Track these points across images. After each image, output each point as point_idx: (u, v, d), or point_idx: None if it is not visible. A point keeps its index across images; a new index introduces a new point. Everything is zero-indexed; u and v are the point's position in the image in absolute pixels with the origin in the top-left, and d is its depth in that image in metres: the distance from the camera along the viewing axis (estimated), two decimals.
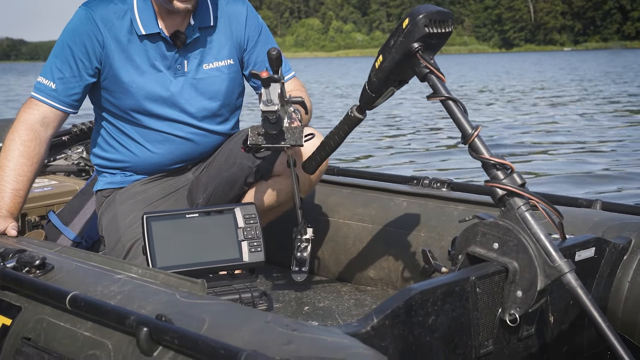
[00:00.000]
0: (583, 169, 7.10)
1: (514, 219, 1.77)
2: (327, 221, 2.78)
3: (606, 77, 27.50)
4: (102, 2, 2.39)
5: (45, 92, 2.37)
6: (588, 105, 15.16)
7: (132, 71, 2.40)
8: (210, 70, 2.48)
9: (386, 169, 7.17)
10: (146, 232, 2.11)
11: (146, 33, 2.39)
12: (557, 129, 10.89)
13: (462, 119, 1.89)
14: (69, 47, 2.37)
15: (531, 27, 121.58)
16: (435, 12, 1.94)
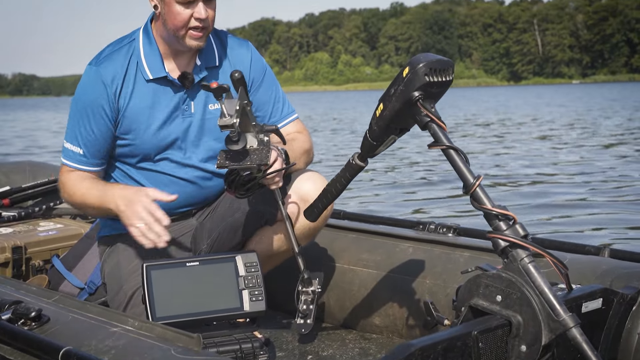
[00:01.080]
0: (588, 210, 7.01)
1: (517, 271, 1.73)
2: (333, 267, 2.74)
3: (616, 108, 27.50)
4: (108, 56, 2.40)
5: (75, 159, 2.41)
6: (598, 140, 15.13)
7: (141, 116, 2.40)
8: (215, 110, 2.46)
9: (392, 208, 7.08)
10: (146, 281, 2.09)
11: (153, 77, 2.40)
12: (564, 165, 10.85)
13: (464, 168, 1.86)
14: (85, 110, 2.38)
15: (539, 60, 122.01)
16: (435, 61, 1.92)
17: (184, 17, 2.29)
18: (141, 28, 2.46)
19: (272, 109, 2.58)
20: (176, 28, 2.32)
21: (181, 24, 2.31)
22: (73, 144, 2.41)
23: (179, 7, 2.28)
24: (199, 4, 2.29)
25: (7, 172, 3.84)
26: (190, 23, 2.31)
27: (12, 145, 17.98)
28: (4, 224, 3.32)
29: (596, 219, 6.49)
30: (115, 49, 2.42)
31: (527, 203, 7.41)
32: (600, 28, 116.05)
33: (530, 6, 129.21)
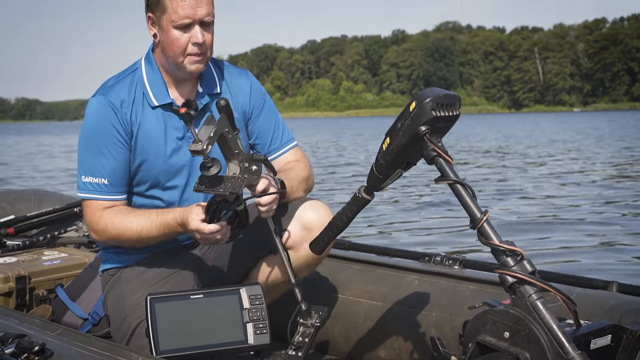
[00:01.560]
0: (594, 242, 6.93)
1: (524, 307, 1.72)
2: (337, 298, 2.72)
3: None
4: (113, 86, 2.41)
5: (101, 190, 2.37)
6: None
7: (152, 142, 2.40)
8: None
9: (398, 238, 7.04)
10: (149, 314, 2.08)
11: (159, 104, 2.40)
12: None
13: (471, 203, 1.85)
14: (100, 139, 2.37)
15: (540, 88, 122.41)
16: (442, 96, 1.92)
17: (182, 42, 2.32)
18: (142, 58, 2.48)
19: (271, 137, 2.58)
20: (175, 54, 2.34)
21: (179, 50, 2.33)
22: (95, 176, 2.37)
23: (176, 32, 2.31)
24: (196, 27, 2.31)
25: (13, 200, 3.84)
26: (188, 49, 2.33)
27: (14, 169, 18.00)
28: (8, 253, 3.30)
29: (603, 252, 6.41)
30: (119, 79, 2.43)
31: (530, 230, 7.40)
32: (601, 57, 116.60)
33: (531, 34, 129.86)
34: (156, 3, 2.32)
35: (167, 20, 2.30)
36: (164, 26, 2.32)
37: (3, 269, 3.02)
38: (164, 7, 2.30)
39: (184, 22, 2.29)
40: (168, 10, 2.29)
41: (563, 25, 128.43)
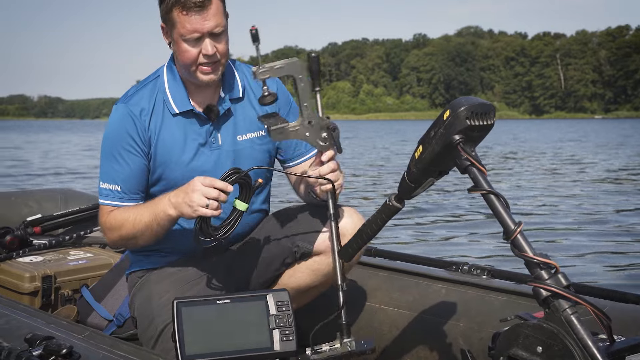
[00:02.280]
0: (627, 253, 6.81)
1: (558, 321, 1.67)
2: (363, 305, 2.69)
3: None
4: (134, 94, 2.42)
5: (114, 197, 2.39)
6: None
7: (171, 149, 2.39)
8: (244, 141, 2.47)
9: (425, 245, 6.98)
10: (176, 318, 2.05)
11: (180, 111, 2.40)
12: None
13: (504, 214, 1.82)
14: (118, 147, 2.38)
15: (561, 94, 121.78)
16: (477, 105, 1.89)
17: (192, 54, 2.31)
18: (165, 65, 2.48)
19: (296, 141, 2.56)
20: (185, 65, 2.34)
21: (189, 61, 2.32)
22: (110, 183, 2.39)
23: (186, 45, 2.30)
24: (206, 39, 2.30)
25: (39, 199, 3.85)
26: (199, 59, 2.32)
27: (38, 167, 18.13)
28: (35, 252, 3.32)
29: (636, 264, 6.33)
30: (140, 87, 2.44)
31: (560, 238, 7.32)
32: (624, 64, 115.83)
33: (553, 40, 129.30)
34: (165, 17, 2.32)
35: (177, 34, 2.30)
36: (175, 39, 2.32)
37: (29, 268, 3.04)
38: (173, 21, 2.30)
39: (192, 36, 2.28)
40: (176, 25, 2.29)
41: (585, 32, 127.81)
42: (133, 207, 2.37)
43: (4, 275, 3.07)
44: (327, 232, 2.38)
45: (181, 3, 2.26)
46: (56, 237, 3.52)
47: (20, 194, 3.95)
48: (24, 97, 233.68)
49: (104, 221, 2.42)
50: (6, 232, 3.44)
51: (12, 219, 3.62)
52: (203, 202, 2.16)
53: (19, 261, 3.17)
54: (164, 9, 2.31)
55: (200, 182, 2.18)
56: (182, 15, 2.26)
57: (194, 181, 2.20)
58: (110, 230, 2.40)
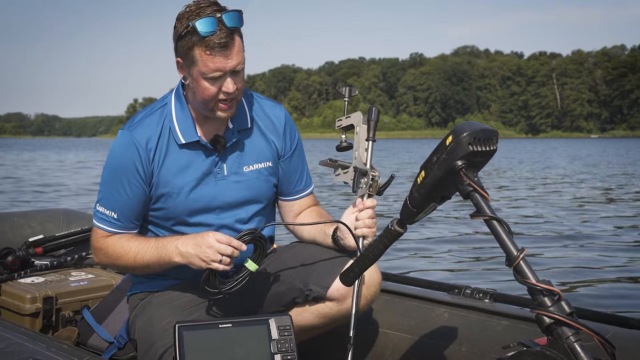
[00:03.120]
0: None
1: (562, 349, 1.66)
2: (365, 329, 2.66)
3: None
4: (141, 121, 2.38)
5: (109, 222, 2.38)
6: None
7: (173, 180, 2.37)
8: (250, 172, 2.45)
9: (427, 269, 6.93)
10: (177, 342, 2.04)
11: (186, 142, 2.37)
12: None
13: (507, 240, 1.80)
14: (118, 175, 2.36)
15: (558, 113, 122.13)
16: (479, 131, 1.88)
17: (212, 91, 2.27)
18: (173, 92, 2.44)
19: (297, 178, 2.56)
20: (205, 101, 2.30)
21: (209, 98, 2.28)
22: (107, 208, 2.38)
23: (206, 82, 2.26)
24: (228, 78, 2.26)
25: (42, 220, 3.83)
26: (219, 96, 2.28)
27: (34, 185, 18.08)
28: (37, 273, 3.30)
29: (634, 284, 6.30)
30: (148, 113, 2.40)
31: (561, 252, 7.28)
32: (619, 84, 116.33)
33: (549, 60, 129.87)
34: (185, 54, 2.25)
35: (197, 71, 2.25)
36: (194, 76, 2.27)
37: (31, 289, 3.02)
38: (193, 59, 2.23)
39: (214, 75, 2.24)
40: (197, 63, 2.23)
41: (581, 52, 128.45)
42: (134, 240, 2.36)
43: (6, 296, 3.05)
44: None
45: (204, 42, 2.20)
46: (58, 257, 3.50)
47: (22, 214, 3.92)
48: (21, 115, 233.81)
49: (98, 245, 2.41)
50: (8, 252, 3.43)
51: (14, 240, 3.61)
52: (217, 257, 2.18)
53: (20, 282, 3.15)
54: (184, 45, 2.24)
55: (215, 239, 2.19)
56: (205, 54, 2.21)
57: (208, 237, 2.20)
58: (105, 255, 2.40)
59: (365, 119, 2.42)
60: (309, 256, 2.44)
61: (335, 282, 2.35)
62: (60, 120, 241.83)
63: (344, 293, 2.34)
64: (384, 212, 11.04)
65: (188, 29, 2.21)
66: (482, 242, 8.62)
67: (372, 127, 2.41)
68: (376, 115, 2.40)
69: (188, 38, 2.22)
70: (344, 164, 2.43)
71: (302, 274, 2.39)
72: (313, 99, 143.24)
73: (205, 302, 2.45)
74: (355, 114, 2.44)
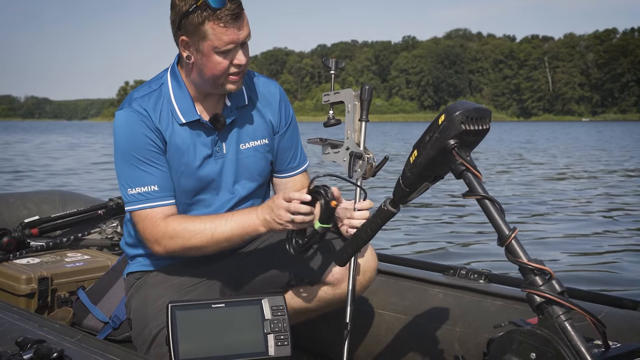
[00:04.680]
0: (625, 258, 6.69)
1: (552, 328, 1.64)
2: (359, 309, 2.63)
3: None
4: (139, 99, 2.33)
5: (154, 197, 2.28)
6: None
7: (181, 157, 2.33)
8: (247, 150, 2.42)
9: (422, 250, 6.91)
10: (170, 321, 2.02)
11: (186, 121, 2.33)
12: None
13: (499, 220, 1.78)
14: (138, 150, 2.29)
15: (549, 97, 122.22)
16: (472, 110, 1.84)
17: (224, 65, 2.23)
18: (168, 71, 2.39)
19: (291, 155, 2.53)
20: (215, 77, 2.26)
21: (221, 73, 2.25)
22: (143, 185, 2.28)
23: (218, 57, 2.22)
24: (239, 50, 2.24)
25: (38, 201, 3.79)
26: (230, 69, 2.25)
27: (26, 168, 17.98)
28: (32, 254, 3.27)
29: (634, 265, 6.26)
30: (145, 93, 2.35)
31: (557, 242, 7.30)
32: (611, 67, 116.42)
33: (541, 43, 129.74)
34: (193, 30, 2.20)
35: (209, 46, 2.20)
36: (205, 51, 2.22)
37: (26, 270, 2.99)
38: (204, 34, 2.19)
39: (228, 47, 2.20)
40: (210, 37, 2.18)
41: (573, 35, 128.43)
42: (200, 218, 2.28)
43: (1, 277, 3.01)
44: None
45: (216, 15, 2.16)
46: (53, 239, 3.47)
47: (18, 195, 3.89)
48: (11, 97, 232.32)
49: (158, 231, 2.28)
50: (3, 233, 3.41)
51: (10, 221, 3.58)
52: (289, 217, 2.13)
53: (15, 263, 3.12)
54: (193, 21, 2.18)
55: (283, 199, 2.15)
56: (219, 27, 2.17)
57: (278, 199, 2.16)
58: (173, 238, 2.27)
59: (358, 97, 2.39)
60: None
61: (331, 265, 2.34)
62: (51, 102, 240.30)
63: (339, 277, 2.32)
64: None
65: (198, 3, 2.16)
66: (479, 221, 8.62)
67: (365, 107, 2.38)
68: (369, 94, 2.37)
69: (197, 13, 2.17)
70: (334, 142, 2.39)
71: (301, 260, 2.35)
72: (305, 82, 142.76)
73: (200, 283, 2.44)
74: (346, 91, 2.40)
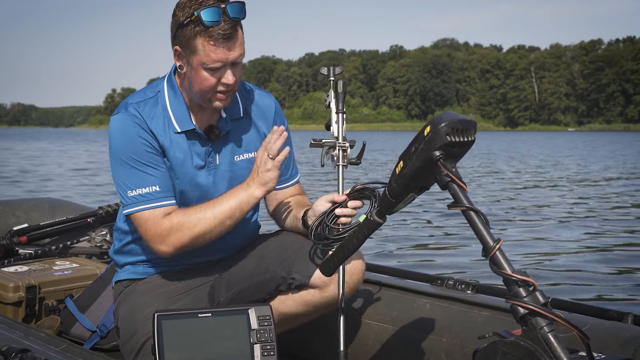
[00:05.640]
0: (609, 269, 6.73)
1: (536, 339, 1.64)
2: (346, 319, 2.57)
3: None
4: (135, 104, 2.31)
5: (153, 198, 2.26)
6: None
7: (177, 167, 2.32)
8: (241, 162, 2.42)
9: (409, 260, 6.89)
10: (156, 331, 2.02)
11: (182, 130, 2.32)
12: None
13: (484, 231, 1.77)
14: (136, 152, 2.27)
15: (536, 107, 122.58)
16: (457, 121, 1.84)
17: (211, 82, 2.23)
18: (165, 79, 2.38)
19: (284, 167, 2.50)
20: (203, 92, 2.25)
21: (208, 89, 2.24)
22: (144, 186, 2.26)
23: (206, 73, 2.21)
24: (228, 70, 2.22)
25: (27, 209, 3.76)
26: (218, 87, 2.24)
27: (14, 175, 17.82)
28: (21, 262, 3.24)
29: (619, 280, 6.22)
30: (141, 100, 2.33)
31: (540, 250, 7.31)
32: (596, 77, 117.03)
33: (528, 54, 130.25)
34: (186, 43, 2.19)
35: (198, 61, 2.19)
36: (194, 65, 2.21)
37: (13, 278, 2.96)
38: (195, 48, 2.18)
39: (215, 65, 2.19)
40: (199, 52, 2.18)
41: (559, 45, 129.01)
42: (197, 207, 2.29)
43: None
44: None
45: (208, 32, 2.15)
46: (42, 247, 3.44)
47: (7, 203, 3.85)
48: None
49: (163, 228, 2.26)
50: None
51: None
52: (274, 155, 2.27)
53: (3, 271, 3.08)
54: (186, 34, 2.18)
55: (260, 153, 2.30)
56: (209, 44, 2.16)
57: (257, 157, 2.31)
58: (178, 232, 2.26)
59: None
60: (292, 244, 2.41)
61: (318, 269, 2.33)
62: (37, 109, 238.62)
63: (326, 281, 2.31)
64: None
65: (192, 17, 2.15)
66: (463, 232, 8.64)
67: (340, 99, 2.52)
68: (343, 87, 2.51)
69: (191, 27, 2.16)
70: (329, 143, 2.45)
71: (285, 262, 2.35)
72: (293, 90, 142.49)
73: (189, 291, 2.43)
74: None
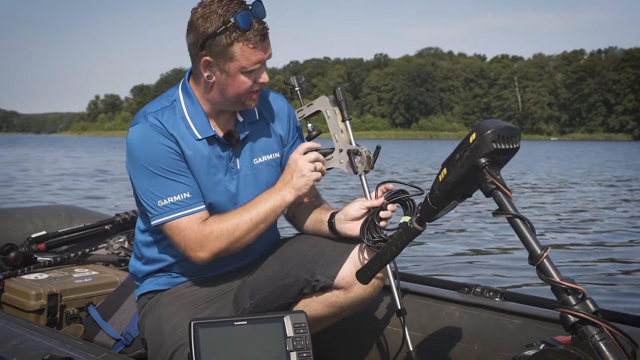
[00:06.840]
0: None
1: (586, 348, 1.63)
2: (374, 327, 2.63)
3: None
4: (154, 113, 2.31)
5: (185, 205, 2.26)
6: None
7: (200, 173, 2.31)
8: (260, 164, 2.42)
9: (437, 268, 6.85)
10: (193, 340, 1.99)
11: (202, 137, 2.32)
12: None
13: (531, 239, 1.76)
14: (160, 162, 2.26)
15: (519, 116, 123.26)
16: (503, 128, 1.83)
17: (249, 84, 2.26)
18: (179, 88, 2.37)
19: None
20: (239, 95, 2.28)
21: (244, 91, 2.27)
22: (174, 194, 2.25)
23: (244, 77, 2.24)
24: (263, 68, 2.26)
25: (44, 216, 3.75)
26: (252, 88, 2.28)
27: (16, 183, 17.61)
28: (39, 269, 3.21)
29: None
30: (158, 109, 2.31)
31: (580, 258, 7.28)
32: (579, 87, 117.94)
33: (511, 63, 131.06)
34: (220, 51, 2.20)
35: (236, 66, 2.22)
36: (230, 72, 2.23)
37: (35, 286, 2.94)
38: (232, 55, 2.20)
39: (254, 67, 2.23)
40: (237, 58, 2.20)
41: (542, 55, 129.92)
42: (231, 213, 2.31)
43: (9, 292, 2.96)
44: (348, 267, 2.32)
45: (245, 37, 2.18)
46: (60, 254, 3.41)
47: (24, 210, 3.83)
48: None
49: (200, 236, 2.26)
50: (10, 248, 3.35)
51: (16, 236, 3.53)
52: (312, 167, 2.33)
53: (23, 278, 3.05)
54: (221, 43, 2.19)
55: (297, 154, 2.36)
56: (248, 48, 2.20)
57: (294, 161, 2.35)
58: (217, 238, 2.27)
59: (334, 101, 2.51)
60: (313, 246, 2.40)
61: (342, 270, 2.32)
62: (19, 116, 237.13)
63: (351, 281, 2.30)
64: None
65: (227, 25, 2.17)
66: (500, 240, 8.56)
67: (343, 107, 2.50)
68: (343, 94, 2.48)
69: (226, 35, 2.18)
70: (324, 150, 2.45)
71: (307, 265, 2.35)
72: None
73: (214, 299, 2.41)
74: (319, 100, 2.52)
